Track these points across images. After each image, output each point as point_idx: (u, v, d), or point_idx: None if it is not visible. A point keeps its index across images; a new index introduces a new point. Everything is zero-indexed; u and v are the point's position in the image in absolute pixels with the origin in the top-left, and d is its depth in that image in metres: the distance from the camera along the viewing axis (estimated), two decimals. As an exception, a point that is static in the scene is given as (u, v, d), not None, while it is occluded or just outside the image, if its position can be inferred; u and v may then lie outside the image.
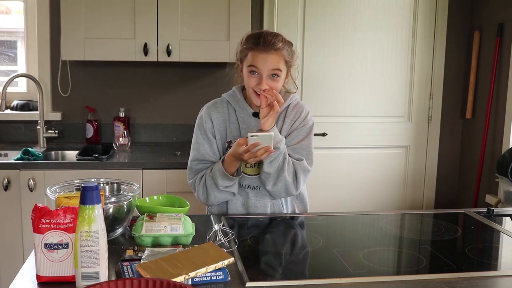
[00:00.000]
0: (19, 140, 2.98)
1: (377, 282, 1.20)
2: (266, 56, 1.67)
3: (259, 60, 1.67)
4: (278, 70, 1.68)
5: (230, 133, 1.79)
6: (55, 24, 2.88)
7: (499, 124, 2.95)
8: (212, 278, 1.17)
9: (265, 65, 1.67)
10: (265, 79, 1.68)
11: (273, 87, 1.69)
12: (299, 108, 1.82)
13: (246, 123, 1.79)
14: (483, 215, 1.76)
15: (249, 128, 1.78)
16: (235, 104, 1.80)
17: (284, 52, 1.70)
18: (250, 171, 1.78)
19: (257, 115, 1.77)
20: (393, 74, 3.23)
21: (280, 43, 1.70)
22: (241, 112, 1.79)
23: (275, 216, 1.75)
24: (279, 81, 1.71)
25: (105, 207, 1.38)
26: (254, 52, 1.68)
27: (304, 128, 1.79)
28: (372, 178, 3.29)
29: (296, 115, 1.80)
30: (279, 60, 1.68)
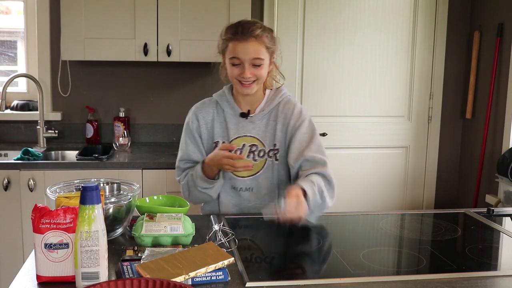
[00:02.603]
0: (19, 140, 2.98)
1: (377, 282, 1.20)
2: (246, 45, 1.65)
3: (239, 50, 1.66)
4: (259, 59, 1.67)
5: (218, 133, 1.78)
6: (55, 24, 2.88)
7: (499, 124, 2.95)
8: (212, 278, 1.17)
9: (246, 54, 1.66)
10: (248, 68, 1.67)
11: (256, 75, 1.68)
12: (290, 105, 1.79)
13: (234, 123, 1.78)
14: (483, 215, 1.76)
15: (236, 128, 1.77)
16: (224, 103, 1.80)
17: (264, 38, 1.68)
18: (242, 173, 1.76)
19: (244, 116, 1.77)
20: (393, 74, 3.23)
21: (259, 30, 1.68)
22: (230, 112, 1.79)
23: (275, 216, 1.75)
24: (262, 69, 1.69)
25: (105, 207, 1.37)
26: (234, 42, 1.67)
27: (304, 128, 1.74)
28: (372, 178, 3.29)
29: (288, 113, 1.77)
30: (260, 47, 1.67)
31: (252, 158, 1.76)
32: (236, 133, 1.77)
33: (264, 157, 1.77)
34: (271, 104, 1.78)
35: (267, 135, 1.77)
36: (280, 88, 1.82)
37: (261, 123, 1.78)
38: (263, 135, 1.77)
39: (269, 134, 1.77)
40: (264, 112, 1.78)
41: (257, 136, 1.77)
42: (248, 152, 1.77)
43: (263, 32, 1.69)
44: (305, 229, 1.67)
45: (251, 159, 1.76)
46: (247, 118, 1.77)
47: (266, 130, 1.77)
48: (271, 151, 1.77)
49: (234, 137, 1.77)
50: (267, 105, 1.78)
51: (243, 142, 1.77)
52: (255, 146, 1.77)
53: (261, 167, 1.77)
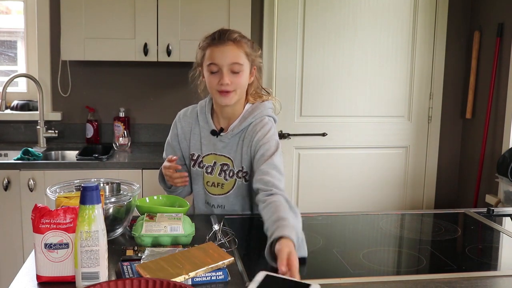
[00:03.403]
0: (19, 140, 2.98)
1: (377, 282, 1.20)
2: (223, 48, 1.58)
3: (217, 54, 1.58)
4: (238, 64, 1.58)
5: (193, 145, 1.74)
6: (55, 24, 2.88)
7: (499, 124, 2.95)
8: (212, 278, 1.17)
9: (223, 59, 1.57)
10: (226, 74, 1.58)
11: (235, 84, 1.59)
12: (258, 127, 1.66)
13: (207, 139, 1.72)
14: (483, 215, 1.76)
15: (209, 145, 1.70)
16: (201, 117, 1.73)
17: (243, 44, 1.60)
18: (213, 190, 1.73)
19: (215, 133, 1.69)
20: (393, 74, 3.22)
21: (237, 35, 1.61)
22: (204, 126, 1.72)
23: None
24: (241, 77, 1.60)
25: (105, 207, 1.37)
26: (211, 47, 1.60)
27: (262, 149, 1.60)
28: (372, 178, 3.29)
29: (254, 135, 1.65)
30: (238, 52, 1.59)
31: (223, 177, 1.71)
32: (207, 150, 1.71)
33: (233, 177, 1.70)
34: (242, 124, 1.67)
35: (236, 156, 1.69)
36: (259, 105, 1.70)
37: (232, 143, 1.69)
38: (234, 155, 1.69)
39: (238, 155, 1.68)
40: (234, 132, 1.68)
41: (229, 156, 1.69)
42: (220, 170, 1.71)
43: (242, 38, 1.62)
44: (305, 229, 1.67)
45: (222, 177, 1.70)
46: (217, 136, 1.69)
47: (236, 150, 1.69)
48: (240, 172, 1.69)
49: (206, 153, 1.72)
50: (239, 124, 1.68)
51: (213, 159, 1.71)
52: (226, 165, 1.70)
53: (232, 187, 1.71)
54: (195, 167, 1.75)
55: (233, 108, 1.68)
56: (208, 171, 1.72)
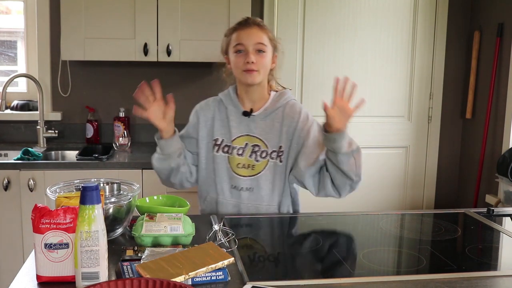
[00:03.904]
0: (19, 140, 2.98)
1: (377, 282, 1.20)
2: (249, 31, 1.71)
3: (243, 36, 1.71)
4: (262, 44, 1.70)
5: (218, 130, 1.79)
6: (55, 24, 2.89)
7: (499, 124, 2.95)
8: (212, 278, 1.17)
9: (249, 39, 1.70)
10: (252, 52, 1.69)
11: (259, 62, 1.70)
12: (296, 108, 1.79)
13: (237, 121, 1.78)
14: (483, 215, 1.76)
15: (239, 127, 1.77)
16: (228, 102, 1.80)
17: (266, 30, 1.74)
18: (243, 172, 1.76)
19: (247, 114, 1.77)
20: (393, 74, 3.23)
21: (261, 22, 1.76)
22: (232, 109, 1.79)
23: (275, 216, 1.75)
24: (266, 57, 1.72)
25: (105, 207, 1.37)
26: (238, 31, 1.73)
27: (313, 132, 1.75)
28: (372, 178, 3.29)
29: (295, 116, 1.77)
30: (263, 34, 1.72)
31: (254, 158, 1.75)
32: (238, 132, 1.77)
33: (266, 158, 1.75)
34: (275, 105, 1.78)
35: (271, 136, 1.76)
36: (284, 91, 1.84)
37: (264, 124, 1.77)
38: (266, 136, 1.76)
39: (274, 136, 1.76)
40: (267, 111, 1.77)
41: (260, 137, 1.76)
42: (251, 152, 1.76)
43: (266, 26, 1.76)
44: (305, 229, 1.67)
45: (253, 159, 1.75)
46: (249, 116, 1.77)
47: (270, 131, 1.76)
48: (274, 153, 1.75)
49: (237, 135, 1.77)
50: (271, 105, 1.78)
51: (245, 141, 1.76)
52: (257, 146, 1.76)
53: (263, 168, 1.75)
54: (219, 151, 1.78)
55: (259, 90, 1.78)
56: (239, 153, 1.76)
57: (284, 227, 1.67)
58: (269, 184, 1.76)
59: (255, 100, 1.79)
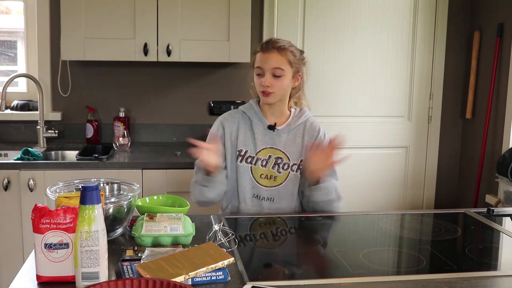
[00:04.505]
0: (19, 140, 2.98)
1: (377, 282, 1.20)
2: (268, 55, 1.78)
3: (262, 59, 1.79)
4: (279, 69, 1.77)
5: (241, 142, 1.85)
6: (55, 24, 2.88)
7: (499, 124, 2.95)
8: (212, 278, 1.17)
9: (266, 63, 1.78)
10: (267, 77, 1.77)
11: (274, 85, 1.77)
12: (316, 126, 1.90)
13: (261, 134, 1.85)
14: (483, 215, 1.76)
15: (264, 140, 1.84)
16: (252, 115, 1.87)
17: (287, 53, 1.79)
18: (265, 182, 1.84)
19: (272, 128, 1.85)
20: (393, 74, 3.22)
21: (284, 44, 1.79)
22: (257, 123, 1.86)
23: (275, 216, 1.75)
24: (282, 81, 1.79)
25: (105, 207, 1.37)
26: (259, 53, 1.81)
27: None
28: (372, 178, 3.29)
29: (315, 133, 1.88)
30: (281, 59, 1.78)
31: (276, 170, 1.84)
32: (263, 144, 1.85)
33: (287, 170, 1.84)
34: (297, 121, 1.87)
35: (293, 150, 1.85)
36: (304, 109, 1.92)
37: (287, 138, 1.86)
38: (289, 149, 1.85)
39: (295, 149, 1.85)
40: (291, 127, 1.86)
41: (283, 150, 1.85)
42: (273, 164, 1.84)
43: (289, 47, 1.81)
44: (305, 229, 1.67)
45: (276, 170, 1.84)
46: (274, 130, 1.85)
47: (293, 145, 1.85)
48: (295, 165, 1.85)
49: (262, 148, 1.85)
50: (294, 121, 1.88)
51: (269, 153, 1.85)
52: (280, 158, 1.84)
53: (284, 179, 1.85)
54: (242, 162, 1.84)
55: (280, 106, 1.87)
56: (262, 164, 1.83)
57: (284, 227, 1.67)
58: (289, 195, 1.85)
59: (277, 115, 1.88)
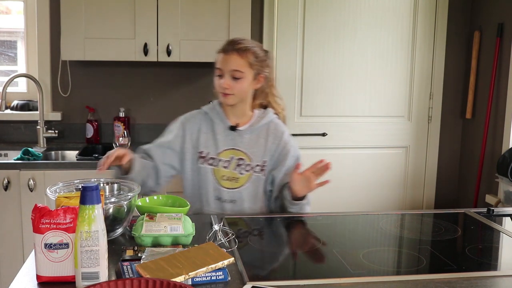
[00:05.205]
0: (19, 140, 2.98)
1: (377, 282, 1.20)
2: (228, 57, 1.75)
3: (222, 60, 1.76)
4: (238, 71, 1.74)
5: (203, 143, 1.81)
6: (55, 24, 2.88)
7: (499, 124, 2.95)
8: (212, 278, 1.17)
9: (226, 65, 1.74)
10: (226, 78, 1.74)
11: (233, 87, 1.74)
12: (280, 128, 1.86)
13: (223, 135, 1.82)
14: (483, 215, 1.76)
15: (225, 141, 1.80)
16: (214, 116, 1.84)
17: (248, 54, 1.75)
18: (227, 184, 1.80)
19: (233, 129, 1.81)
20: (393, 74, 3.22)
21: (245, 45, 1.76)
22: (219, 123, 1.83)
23: (275, 216, 1.75)
24: (242, 83, 1.75)
25: (105, 207, 1.37)
26: (220, 54, 1.78)
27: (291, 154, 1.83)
28: (372, 178, 3.29)
29: (278, 135, 1.84)
30: (241, 61, 1.74)
31: (238, 171, 1.80)
32: (225, 145, 1.81)
33: (249, 171, 1.81)
34: (260, 122, 1.83)
35: (256, 151, 1.81)
36: (268, 110, 1.87)
37: (250, 138, 1.82)
38: (251, 150, 1.81)
39: (258, 150, 1.81)
40: (253, 127, 1.82)
41: (245, 151, 1.81)
42: (236, 165, 1.80)
43: (250, 48, 1.76)
44: (305, 229, 1.67)
45: (237, 172, 1.80)
46: (235, 131, 1.81)
47: (255, 146, 1.81)
48: (258, 167, 1.81)
49: (223, 149, 1.81)
50: (257, 121, 1.83)
51: (231, 154, 1.81)
52: (242, 160, 1.81)
53: (246, 181, 1.81)
54: (204, 164, 1.81)
55: (241, 107, 1.83)
56: (224, 166, 1.80)
57: (284, 227, 1.67)
58: (252, 197, 1.82)
59: (239, 116, 1.84)
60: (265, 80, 1.82)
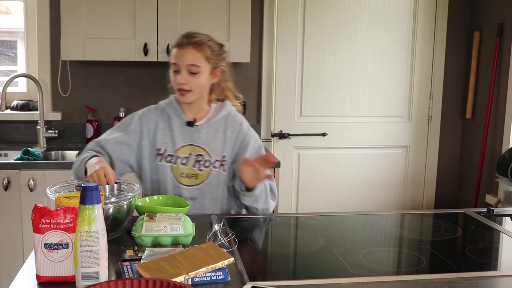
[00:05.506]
0: (19, 140, 2.98)
1: (377, 282, 1.20)
2: (183, 51, 1.70)
3: (177, 56, 1.71)
4: (195, 65, 1.69)
5: (160, 140, 1.77)
6: (55, 24, 2.88)
7: (499, 124, 2.95)
8: (212, 278, 1.17)
9: (182, 60, 1.70)
10: (183, 74, 1.70)
11: (190, 83, 1.70)
12: (238, 120, 1.81)
13: (180, 131, 1.77)
14: (483, 215, 1.76)
15: (183, 137, 1.76)
16: (171, 112, 1.79)
17: (204, 48, 1.71)
18: (186, 181, 1.75)
19: (190, 124, 1.77)
20: (393, 74, 3.23)
21: (201, 39, 1.72)
22: (176, 119, 1.78)
23: (275, 216, 1.75)
24: (199, 78, 1.71)
25: (105, 207, 1.37)
26: (175, 48, 1.73)
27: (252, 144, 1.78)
28: (372, 178, 3.29)
29: (237, 127, 1.79)
30: (198, 55, 1.70)
31: (197, 168, 1.75)
32: (182, 142, 1.76)
33: (209, 167, 1.76)
34: (217, 115, 1.79)
35: (214, 146, 1.76)
36: (225, 102, 1.83)
37: (207, 133, 1.77)
38: (209, 146, 1.76)
39: (217, 145, 1.76)
40: (211, 122, 1.78)
41: (204, 146, 1.76)
42: (194, 161, 1.76)
43: (206, 42, 1.73)
44: (305, 229, 1.67)
45: (197, 168, 1.75)
46: (193, 126, 1.77)
47: (214, 141, 1.77)
48: (217, 162, 1.76)
49: (181, 145, 1.76)
50: (214, 115, 1.79)
51: (189, 151, 1.76)
52: (201, 156, 1.76)
53: (206, 177, 1.76)
54: (162, 161, 1.76)
55: (198, 103, 1.78)
56: (183, 163, 1.75)
57: (284, 227, 1.67)
58: (213, 193, 1.77)
59: (196, 111, 1.79)
60: (221, 74, 1.78)
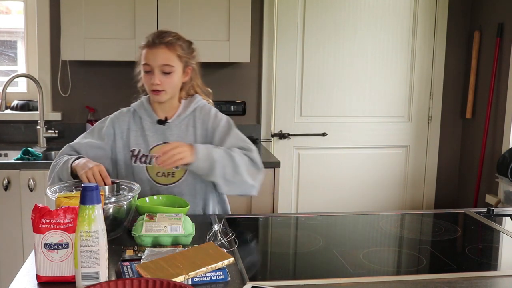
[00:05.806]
0: (19, 140, 2.98)
1: (377, 282, 1.20)
2: (156, 51, 1.69)
3: (149, 56, 1.69)
4: (168, 65, 1.69)
5: (133, 141, 1.76)
6: (55, 24, 2.88)
7: (499, 124, 2.95)
8: (212, 278, 1.17)
9: (155, 60, 1.68)
10: (157, 74, 1.68)
11: (164, 83, 1.69)
12: (205, 110, 1.80)
13: (153, 131, 1.77)
14: (483, 215, 1.76)
15: (155, 136, 1.75)
16: (142, 112, 1.79)
17: (176, 47, 1.71)
18: (163, 180, 1.74)
19: (161, 123, 1.76)
20: (393, 74, 3.23)
21: (171, 38, 1.72)
22: (147, 119, 1.78)
23: (275, 216, 1.75)
24: (172, 77, 1.70)
25: (105, 207, 1.37)
26: (146, 49, 1.71)
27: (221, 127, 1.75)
28: (372, 178, 3.29)
29: (205, 117, 1.78)
30: (170, 54, 1.69)
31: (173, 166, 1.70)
32: (155, 141, 1.75)
33: None
34: (186, 110, 1.78)
35: (187, 141, 1.72)
36: (194, 96, 1.82)
37: (179, 130, 1.76)
38: (182, 142, 1.72)
39: (189, 140, 1.74)
40: (181, 118, 1.77)
41: None
42: None
43: (176, 40, 1.72)
44: (305, 229, 1.67)
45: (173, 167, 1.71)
46: (164, 124, 1.76)
47: (186, 136, 1.75)
48: None
49: (154, 144, 1.75)
50: (183, 111, 1.78)
51: None
52: None
53: (183, 174, 1.74)
54: (137, 162, 1.75)
55: (170, 101, 1.77)
56: None
57: (284, 227, 1.67)
58: (191, 190, 1.75)
59: (167, 110, 1.78)
60: (192, 71, 1.78)
